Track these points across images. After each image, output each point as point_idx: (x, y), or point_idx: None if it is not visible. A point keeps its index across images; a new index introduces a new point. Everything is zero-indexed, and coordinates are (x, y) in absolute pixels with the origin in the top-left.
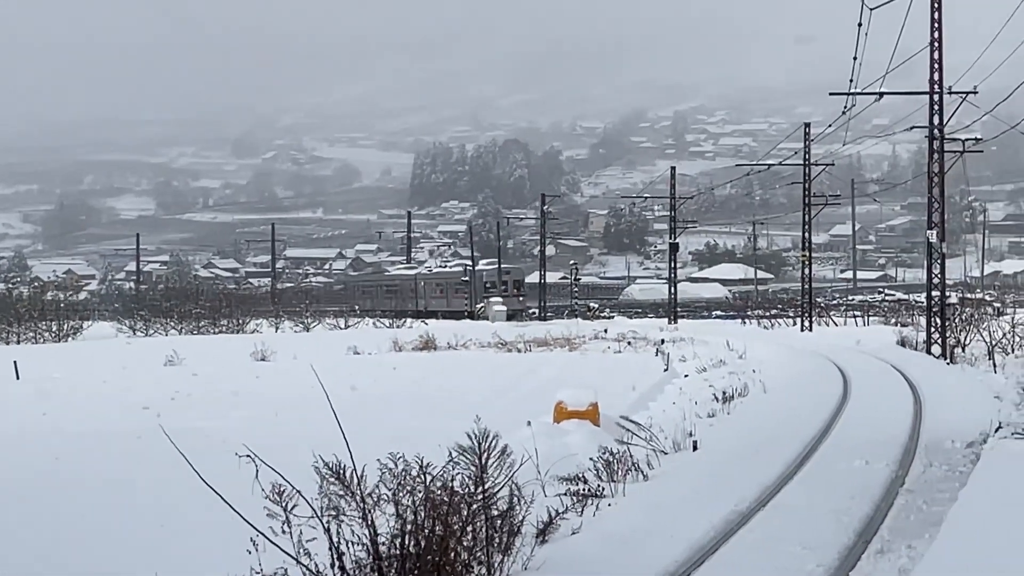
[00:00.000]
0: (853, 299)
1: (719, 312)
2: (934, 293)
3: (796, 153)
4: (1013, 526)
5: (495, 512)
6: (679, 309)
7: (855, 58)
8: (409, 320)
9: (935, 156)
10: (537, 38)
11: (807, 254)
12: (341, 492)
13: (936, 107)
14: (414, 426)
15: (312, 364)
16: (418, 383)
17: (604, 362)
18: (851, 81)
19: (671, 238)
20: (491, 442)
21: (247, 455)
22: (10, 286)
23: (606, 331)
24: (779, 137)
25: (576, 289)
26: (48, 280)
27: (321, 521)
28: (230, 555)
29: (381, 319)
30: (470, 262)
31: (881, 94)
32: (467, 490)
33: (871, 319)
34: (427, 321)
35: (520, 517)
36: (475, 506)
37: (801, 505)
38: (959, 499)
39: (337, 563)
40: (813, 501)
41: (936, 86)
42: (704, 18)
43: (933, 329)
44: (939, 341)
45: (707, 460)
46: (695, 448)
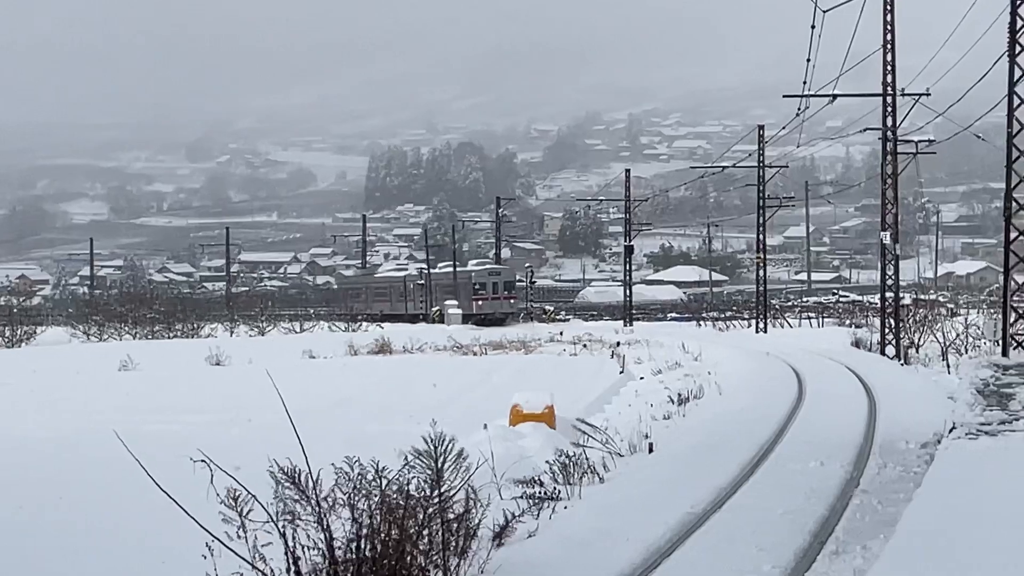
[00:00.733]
0: (807, 301)
1: (674, 314)
2: (888, 294)
3: (750, 155)
4: (967, 526)
5: (451, 516)
6: (634, 311)
7: (808, 60)
8: (364, 324)
9: (888, 158)
10: (491, 42)
11: (761, 256)
12: (296, 496)
13: (889, 109)
14: (370, 430)
15: (267, 368)
16: (374, 387)
17: (560, 365)
18: (804, 83)
19: (626, 240)
20: (447, 445)
21: (201, 460)
22: None
23: (562, 334)
24: (733, 139)
25: (532, 292)
26: (1, 285)
27: (276, 526)
28: (185, 560)
29: (336, 323)
30: (426, 265)
31: (834, 96)
32: (423, 494)
33: (825, 320)
34: (382, 325)
35: (476, 520)
36: (431, 510)
37: (756, 506)
38: (914, 499)
39: (293, 568)
40: (768, 502)
41: (889, 88)
42: (659, 21)
43: (887, 330)
44: (893, 342)
45: (663, 462)
46: (651, 450)
